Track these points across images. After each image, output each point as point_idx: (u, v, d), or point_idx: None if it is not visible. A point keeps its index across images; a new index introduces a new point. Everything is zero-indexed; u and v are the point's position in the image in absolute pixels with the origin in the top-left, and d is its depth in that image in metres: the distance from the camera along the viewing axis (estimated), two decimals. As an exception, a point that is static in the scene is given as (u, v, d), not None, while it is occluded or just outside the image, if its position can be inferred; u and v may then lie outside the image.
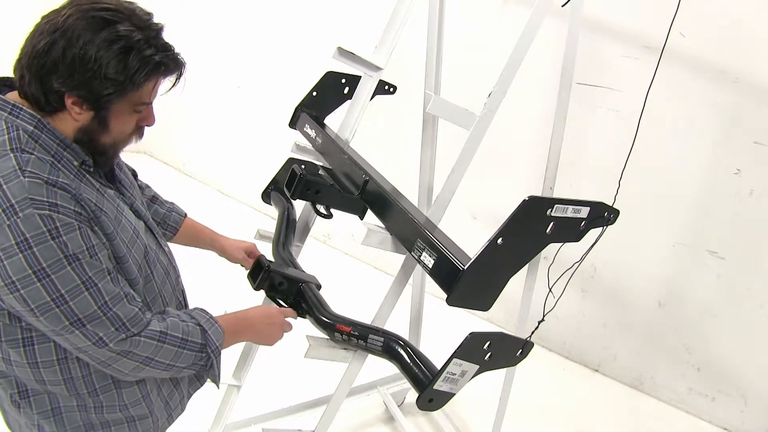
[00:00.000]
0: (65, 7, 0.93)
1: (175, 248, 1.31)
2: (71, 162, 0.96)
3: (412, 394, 1.50)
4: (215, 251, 1.49)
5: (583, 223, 1.24)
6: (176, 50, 1.00)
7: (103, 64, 0.91)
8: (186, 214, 1.44)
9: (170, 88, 1.03)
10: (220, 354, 1.12)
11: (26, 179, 0.88)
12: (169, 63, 0.98)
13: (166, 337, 1.02)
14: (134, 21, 0.95)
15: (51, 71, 0.91)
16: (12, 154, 0.89)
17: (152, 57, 0.95)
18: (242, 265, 1.51)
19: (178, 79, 1.02)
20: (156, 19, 1.00)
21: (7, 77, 1.02)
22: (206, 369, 1.11)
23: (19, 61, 0.94)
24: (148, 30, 0.96)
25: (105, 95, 0.93)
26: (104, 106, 0.95)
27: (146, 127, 1.06)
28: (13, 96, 0.96)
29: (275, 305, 1.34)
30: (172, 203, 1.42)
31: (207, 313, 1.14)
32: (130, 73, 0.93)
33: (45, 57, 0.90)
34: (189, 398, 1.27)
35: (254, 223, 1.89)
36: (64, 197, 0.91)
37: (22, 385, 1.02)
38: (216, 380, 1.14)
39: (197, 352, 1.07)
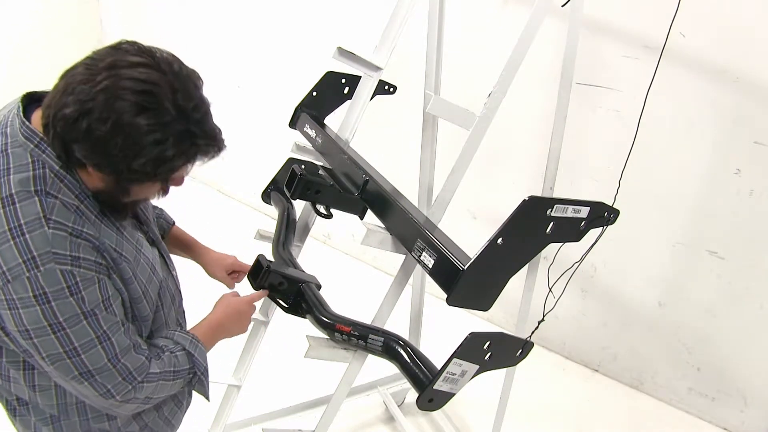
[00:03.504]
0: (103, 69, 0.84)
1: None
2: (94, 205, 0.93)
3: (412, 394, 1.51)
4: (198, 263, 1.47)
5: (583, 223, 1.24)
6: (221, 134, 0.94)
7: (130, 155, 0.85)
8: (174, 222, 1.42)
9: (202, 164, 0.97)
10: (208, 373, 1.14)
11: (50, 230, 0.85)
12: (209, 150, 0.93)
13: (161, 375, 1.03)
14: (178, 101, 0.86)
15: (75, 141, 0.85)
16: (37, 198, 0.86)
17: (190, 148, 0.89)
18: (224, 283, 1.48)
19: (214, 157, 0.96)
20: (204, 90, 0.92)
21: (35, 92, 0.97)
22: (192, 385, 1.13)
23: (48, 106, 0.87)
24: (192, 114, 0.88)
25: (129, 178, 0.89)
26: (128, 181, 0.91)
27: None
28: (39, 118, 0.91)
29: (239, 296, 1.33)
30: (161, 210, 1.41)
31: (187, 334, 1.14)
32: (159, 169, 0.88)
33: (72, 125, 0.84)
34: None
35: (254, 223, 1.89)
36: (86, 249, 0.89)
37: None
38: (206, 395, 1.16)
39: (185, 376, 1.09)
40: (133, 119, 0.83)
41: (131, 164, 0.86)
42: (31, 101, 0.95)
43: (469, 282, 1.07)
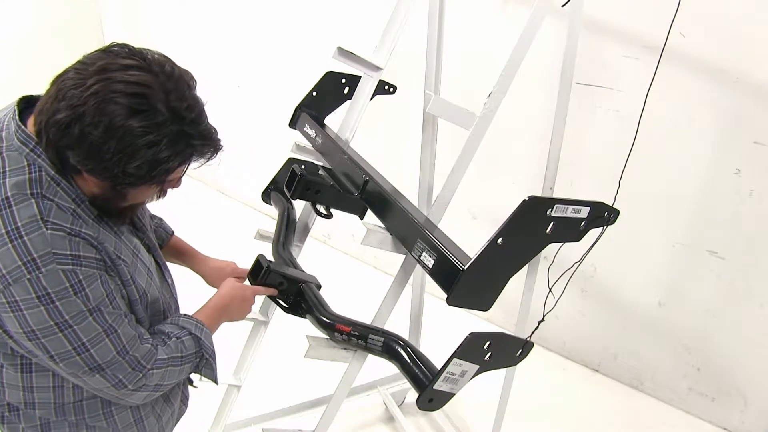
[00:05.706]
0: (94, 74, 0.83)
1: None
2: (91, 209, 0.93)
3: (412, 394, 1.50)
4: (197, 273, 1.46)
5: (583, 223, 1.24)
6: (217, 134, 0.93)
7: (124, 158, 0.84)
8: (173, 232, 1.42)
9: (200, 166, 0.96)
10: (215, 356, 1.15)
11: (49, 231, 0.85)
12: (205, 150, 0.92)
13: (170, 361, 1.04)
14: (170, 102, 0.85)
15: (68, 147, 0.85)
16: (33, 200, 0.86)
17: (186, 149, 0.89)
18: None
19: (211, 158, 0.95)
20: (197, 90, 0.91)
21: (32, 96, 0.96)
22: (200, 369, 1.14)
23: (40, 112, 0.86)
24: (185, 114, 0.87)
25: (125, 182, 0.89)
26: (124, 185, 0.90)
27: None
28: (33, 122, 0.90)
29: (247, 283, 1.34)
30: (160, 219, 1.41)
31: (192, 318, 1.14)
32: (154, 171, 0.87)
33: (64, 131, 0.83)
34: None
35: (254, 223, 1.89)
36: (86, 247, 0.89)
37: (14, 404, 1.02)
38: (214, 379, 1.16)
39: (193, 360, 1.10)
40: (125, 122, 0.82)
41: (126, 168, 0.85)
42: (27, 105, 0.95)
43: (469, 282, 1.07)
